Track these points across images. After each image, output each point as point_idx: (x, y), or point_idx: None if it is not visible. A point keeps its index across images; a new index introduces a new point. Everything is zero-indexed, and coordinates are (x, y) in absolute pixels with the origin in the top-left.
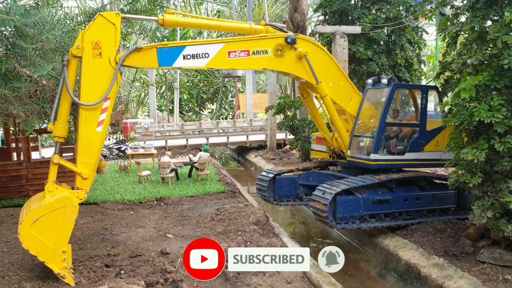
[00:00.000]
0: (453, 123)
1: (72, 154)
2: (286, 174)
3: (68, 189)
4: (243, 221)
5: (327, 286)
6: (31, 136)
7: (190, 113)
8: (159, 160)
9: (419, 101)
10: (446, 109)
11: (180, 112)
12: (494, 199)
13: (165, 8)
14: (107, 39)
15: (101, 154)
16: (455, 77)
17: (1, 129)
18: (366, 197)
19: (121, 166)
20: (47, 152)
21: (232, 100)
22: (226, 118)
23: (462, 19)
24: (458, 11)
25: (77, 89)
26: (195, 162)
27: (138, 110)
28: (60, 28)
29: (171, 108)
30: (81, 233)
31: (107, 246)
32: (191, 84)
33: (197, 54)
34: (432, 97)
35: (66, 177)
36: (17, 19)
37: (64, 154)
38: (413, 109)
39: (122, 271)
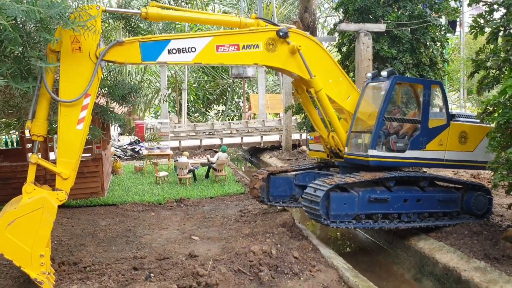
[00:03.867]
0: (498, 122)
1: (90, 154)
2: (281, 173)
3: (48, 190)
4: (270, 223)
5: None
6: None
7: (197, 114)
8: (175, 160)
9: (421, 96)
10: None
11: (187, 114)
12: None
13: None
14: (87, 33)
15: (115, 155)
16: (491, 75)
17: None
18: (362, 195)
19: (136, 167)
20: None
21: (239, 101)
22: (232, 119)
23: (496, 15)
24: (493, 7)
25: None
26: (213, 163)
27: (145, 112)
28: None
29: (177, 109)
30: (104, 235)
31: (133, 248)
32: (197, 86)
33: (183, 48)
34: (435, 94)
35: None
36: (43, 11)
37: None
38: (414, 107)
39: (152, 274)
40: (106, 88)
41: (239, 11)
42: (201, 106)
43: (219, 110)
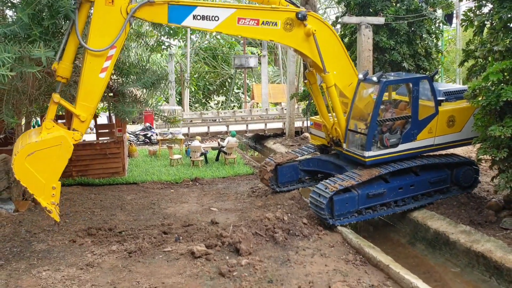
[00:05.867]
0: (480, 104)
1: (109, 137)
2: (287, 163)
3: (65, 129)
4: (280, 197)
5: (368, 249)
6: None
7: (197, 105)
8: (187, 145)
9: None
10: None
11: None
12: None
13: None
14: None
15: (129, 140)
16: (479, 64)
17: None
18: (361, 193)
19: (150, 151)
20: (86, 136)
21: (238, 92)
22: (232, 109)
23: (485, 10)
24: (481, 2)
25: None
26: (223, 147)
27: (149, 100)
28: None
29: (178, 99)
30: (132, 207)
31: (159, 217)
32: (198, 76)
33: (207, 15)
34: (427, 85)
35: None
36: None
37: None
38: (401, 98)
39: (181, 237)
40: (135, 76)
41: (240, 0)
42: (201, 96)
43: (219, 101)
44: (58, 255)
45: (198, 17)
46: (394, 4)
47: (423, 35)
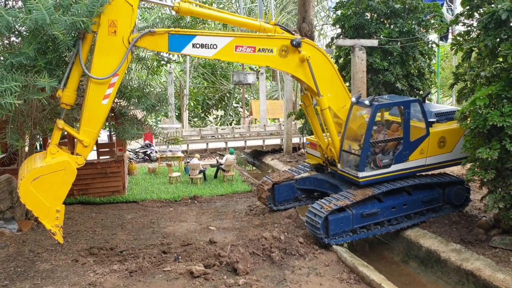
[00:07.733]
0: (469, 127)
1: (109, 156)
2: (283, 182)
3: (68, 154)
4: (277, 215)
5: (362, 268)
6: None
7: (196, 119)
8: (186, 162)
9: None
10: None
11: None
12: (504, 192)
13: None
14: (123, 19)
15: (128, 158)
16: (468, 87)
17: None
18: (356, 212)
19: (150, 169)
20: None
21: (237, 107)
22: (231, 124)
23: (473, 34)
24: (470, 28)
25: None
26: (222, 164)
27: (147, 117)
28: None
29: (177, 114)
30: (132, 226)
31: (159, 237)
32: (197, 91)
33: (206, 44)
34: (418, 108)
35: None
36: (85, 19)
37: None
38: (394, 119)
39: (180, 257)
40: (136, 99)
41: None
42: (200, 111)
43: (218, 115)
44: (62, 275)
45: (197, 46)
46: (388, 26)
47: (416, 56)
